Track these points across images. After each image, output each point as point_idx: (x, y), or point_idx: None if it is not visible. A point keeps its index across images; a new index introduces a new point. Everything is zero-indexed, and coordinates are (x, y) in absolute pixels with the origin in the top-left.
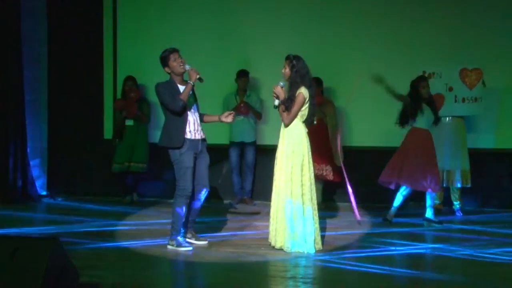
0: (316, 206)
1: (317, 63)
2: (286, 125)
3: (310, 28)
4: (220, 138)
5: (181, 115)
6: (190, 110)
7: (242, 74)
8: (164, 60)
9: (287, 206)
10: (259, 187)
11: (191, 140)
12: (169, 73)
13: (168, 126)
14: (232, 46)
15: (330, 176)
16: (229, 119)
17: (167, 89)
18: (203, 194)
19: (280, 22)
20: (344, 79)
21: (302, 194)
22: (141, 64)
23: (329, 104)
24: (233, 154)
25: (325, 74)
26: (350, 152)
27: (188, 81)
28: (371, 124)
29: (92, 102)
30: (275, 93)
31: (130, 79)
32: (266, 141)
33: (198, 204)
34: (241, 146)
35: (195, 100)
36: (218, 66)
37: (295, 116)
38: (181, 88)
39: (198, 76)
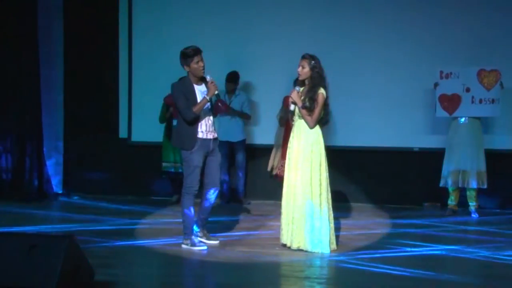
0: (331, 206)
1: (326, 62)
2: (312, 127)
3: (318, 27)
4: None
5: (191, 125)
6: (203, 116)
7: (229, 79)
8: (186, 59)
9: (307, 206)
10: (252, 186)
11: (202, 140)
12: (187, 71)
13: (180, 128)
14: (224, 48)
15: None
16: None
17: (182, 91)
18: (214, 193)
19: (286, 19)
20: (358, 78)
21: (320, 194)
22: (157, 63)
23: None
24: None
25: (336, 73)
26: (359, 153)
27: (205, 96)
28: (380, 124)
29: (108, 101)
30: (291, 98)
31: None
32: (256, 140)
33: (209, 203)
34: (229, 145)
35: (211, 104)
36: (227, 63)
37: (319, 117)
38: (197, 87)
39: (216, 93)
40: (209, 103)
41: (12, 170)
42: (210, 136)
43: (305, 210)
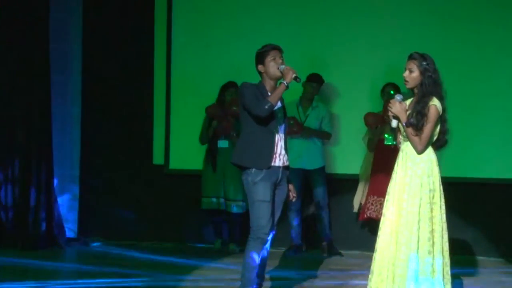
0: (448, 261)
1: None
2: (421, 152)
3: (408, 25)
4: None
5: (266, 123)
6: (276, 127)
7: (315, 78)
8: (261, 57)
9: (412, 260)
10: (347, 231)
11: (270, 167)
12: (261, 73)
13: (250, 140)
14: (302, 46)
15: None
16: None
17: (253, 91)
18: (270, 237)
19: (366, 18)
20: (482, 90)
21: (433, 244)
22: (202, 69)
23: None
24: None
25: (453, 83)
26: (482, 187)
27: (282, 81)
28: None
29: (139, 117)
30: (392, 112)
31: (233, 85)
32: (337, 169)
33: (264, 251)
34: (304, 174)
35: (284, 116)
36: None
37: (430, 137)
38: None
39: (294, 75)
40: (284, 122)
41: (13, 208)
42: (279, 162)
43: (409, 265)
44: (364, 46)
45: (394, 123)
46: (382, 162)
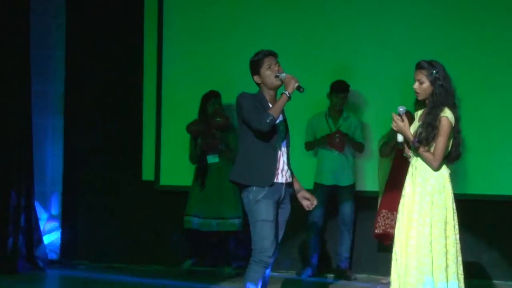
0: (463, 285)
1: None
2: (437, 168)
3: (431, 25)
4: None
5: (268, 138)
6: (278, 142)
7: (340, 88)
8: (255, 66)
9: (427, 285)
10: (358, 253)
11: (272, 184)
12: (258, 84)
13: (250, 156)
14: (324, 51)
15: None
16: (308, 206)
17: (253, 102)
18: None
19: (391, 16)
20: (499, 96)
21: (446, 267)
22: (197, 75)
23: None
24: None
25: (467, 91)
26: (498, 205)
27: (284, 92)
28: None
29: (126, 128)
30: (396, 127)
31: (215, 95)
32: (365, 185)
33: (265, 276)
34: (332, 192)
35: (286, 129)
36: (305, 78)
37: (444, 152)
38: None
39: (297, 85)
40: (286, 136)
41: None
42: (282, 179)
43: None
44: (392, 49)
45: (400, 137)
46: (401, 172)
